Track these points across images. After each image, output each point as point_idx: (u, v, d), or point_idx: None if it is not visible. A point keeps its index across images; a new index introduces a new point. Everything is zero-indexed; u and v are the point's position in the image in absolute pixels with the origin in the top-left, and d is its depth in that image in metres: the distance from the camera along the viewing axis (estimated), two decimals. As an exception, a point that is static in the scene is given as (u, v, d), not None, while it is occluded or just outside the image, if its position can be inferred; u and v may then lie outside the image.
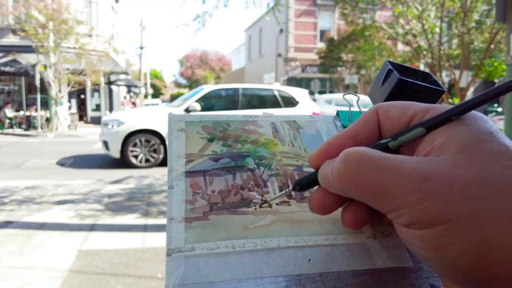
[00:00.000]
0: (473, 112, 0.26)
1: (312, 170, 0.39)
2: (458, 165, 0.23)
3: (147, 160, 7.35)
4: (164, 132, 7.30)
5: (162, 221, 4.04)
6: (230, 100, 8.05)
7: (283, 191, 0.35)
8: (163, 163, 7.43)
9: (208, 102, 7.90)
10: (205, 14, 9.33)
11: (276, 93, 8.11)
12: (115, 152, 7.26)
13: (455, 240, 0.22)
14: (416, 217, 0.23)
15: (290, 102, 7.98)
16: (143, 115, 7.70)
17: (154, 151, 7.36)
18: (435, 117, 0.26)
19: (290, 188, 0.34)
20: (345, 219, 0.30)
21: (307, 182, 0.32)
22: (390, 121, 0.28)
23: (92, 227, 3.86)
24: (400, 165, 0.24)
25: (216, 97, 8.18)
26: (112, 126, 7.32)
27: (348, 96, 0.48)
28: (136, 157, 7.30)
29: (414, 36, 8.62)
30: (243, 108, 7.87)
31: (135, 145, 7.27)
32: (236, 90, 8.09)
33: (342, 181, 0.26)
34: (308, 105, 7.99)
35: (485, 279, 0.22)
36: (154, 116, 7.64)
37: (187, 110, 7.36)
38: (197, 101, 7.56)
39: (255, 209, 0.35)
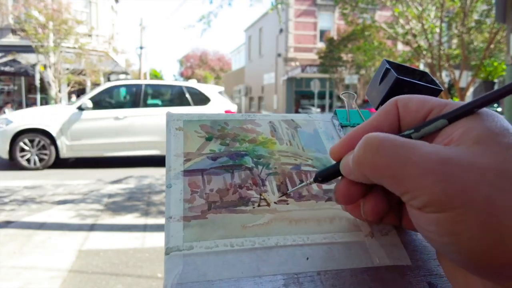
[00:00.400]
0: (487, 109, 0.26)
1: (308, 169, 0.40)
2: (475, 154, 0.23)
3: (37, 161, 7.08)
4: (54, 131, 7.01)
5: (162, 221, 4.05)
6: (132, 97, 7.65)
7: (304, 183, 0.35)
8: (55, 165, 7.18)
9: (107, 99, 7.57)
10: (210, 14, 9.29)
11: (185, 90, 7.71)
12: (3, 153, 6.99)
13: (470, 226, 0.22)
14: (432, 199, 0.23)
15: (200, 99, 7.61)
16: (33, 114, 7.39)
17: (45, 152, 7.06)
18: (457, 109, 0.26)
19: (311, 180, 0.34)
20: (366, 210, 0.31)
21: (328, 174, 0.33)
22: (409, 113, 0.29)
23: (92, 227, 3.86)
24: (420, 148, 0.24)
25: (117, 93, 7.82)
26: (1, 125, 7.07)
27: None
28: (25, 157, 7.04)
29: (414, 36, 8.62)
30: (146, 106, 7.52)
31: (25, 145, 7.01)
32: (139, 86, 7.68)
33: (361, 163, 0.26)
34: (220, 103, 7.63)
35: (497, 266, 0.22)
36: (44, 114, 7.28)
37: (80, 108, 7.07)
38: (93, 97, 7.26)
39: (253, 208, 0.35)
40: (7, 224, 3.93)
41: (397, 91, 0.36)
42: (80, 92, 19.22)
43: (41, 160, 7.08)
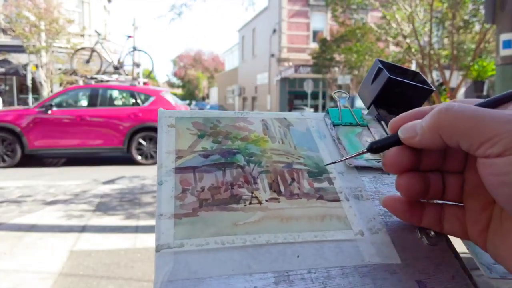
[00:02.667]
0: None
1: (299, 167, 0.40)
2: None
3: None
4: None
5: (154, 221, 4.02)
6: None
7: (358, 151, 0.36)
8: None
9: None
10: (182, 6, 9.48)
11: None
12: None
13: None
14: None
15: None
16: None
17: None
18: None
19: (365, 149, 0.34)
20: (400, 183, 0.32)
21: (385, 144, 0.33)
22: None
23: (83, 228, 3.84)
24: (494, 110, 0.27)
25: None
26: None
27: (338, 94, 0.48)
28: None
29: (404, 37, 8.68)
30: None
31: None
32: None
33: (441, 121, 0.28)
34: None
35: None
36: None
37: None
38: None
39: (245, 205, 0.35)
40: (-3, 225, 3.89)
41: (389, 90, 0.36)
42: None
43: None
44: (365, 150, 0.34)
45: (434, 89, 0.37)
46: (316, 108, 23.36)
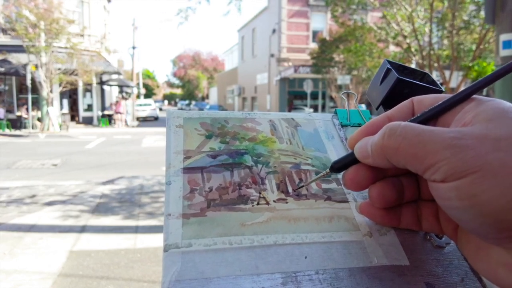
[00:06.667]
0: (489, 98, 0.29)
1: (307, 168, 0.39)
2: (489, 128, 0.25)
3: None
4: None
5: (154, 221, 4.03)
6: None
7: (320, 174, 0.36)
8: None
9: None
10: (188, 9, 9.53)
11: None
12: None
13: (488, 186, 0.24)
14: (452, 168, 0.25)
15: None
16: None
17: None
18: (455, 95, 0.29)
19: (327, 170, 0.35)
20: (372, 194, 0.32)
21: (345, 163, 0.33)
22: (424, 107, 0.31)
23: (83, 228, 3.83)
24: (438, 130, 0.27)
25: None
26: None
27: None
28: None
29: (404, 37, 8.68)
30: None
31: None
32: None
33: (385, 148, 0.28)
34: None
35: None
36: None
37: None
38: None
39: (253, 206, 0.35)
40: (-3, 225, 3.88)
41: (398, 91, 0.36)
42: (72, 92, 19.06)
43: None
44: (328, 171, 0.35)
45: (443, 89, 0.37)
46: (315, 108, 23.35)
